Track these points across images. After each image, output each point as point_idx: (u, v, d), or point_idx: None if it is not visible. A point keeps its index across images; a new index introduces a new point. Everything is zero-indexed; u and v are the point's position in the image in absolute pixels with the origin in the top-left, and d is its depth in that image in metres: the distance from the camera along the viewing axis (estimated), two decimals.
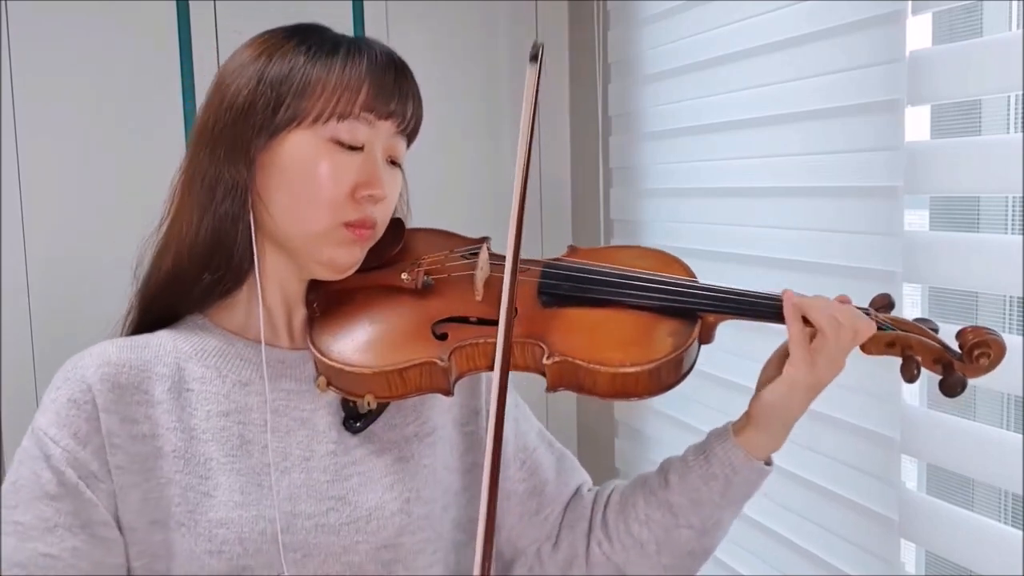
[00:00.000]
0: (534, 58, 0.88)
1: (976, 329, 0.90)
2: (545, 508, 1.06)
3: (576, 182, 2.14)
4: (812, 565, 1.39)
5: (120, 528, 0.90)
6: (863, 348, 0.93)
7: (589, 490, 1.09)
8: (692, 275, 0.98)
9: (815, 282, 1.38)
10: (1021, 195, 1.08)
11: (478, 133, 2.11)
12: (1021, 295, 1.07)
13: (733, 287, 0.93)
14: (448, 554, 1.01)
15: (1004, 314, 1.18)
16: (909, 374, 0.91)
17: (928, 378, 1.28)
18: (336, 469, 0.94)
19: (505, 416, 1.05)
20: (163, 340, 0.96)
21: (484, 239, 1.04)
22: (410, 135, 0.98)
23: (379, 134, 0.93)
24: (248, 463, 0.92)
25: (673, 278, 0.95)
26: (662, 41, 1.74)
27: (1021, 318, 1.16)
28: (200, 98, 1.93)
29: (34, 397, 1.79)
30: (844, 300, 0.94)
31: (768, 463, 0.98)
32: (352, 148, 0.92)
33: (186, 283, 0.95)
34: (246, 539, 0.88)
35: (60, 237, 1.83)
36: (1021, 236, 1.06)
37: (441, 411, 1.03)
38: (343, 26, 1.97)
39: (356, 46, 0.93)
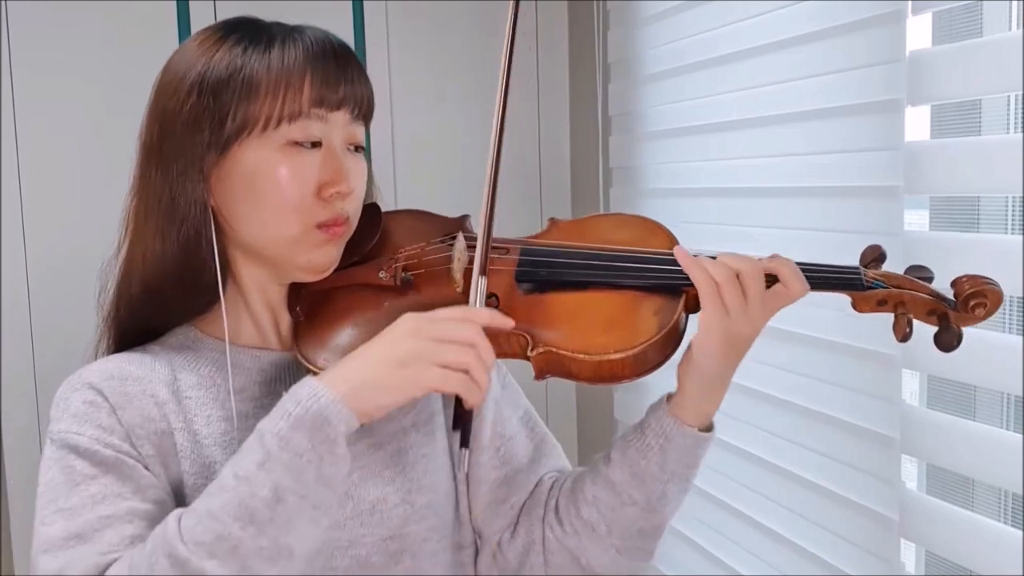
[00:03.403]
0: None
1: (972, 278, 0.87)
2: (512, 496, 1.04)
3: (576, 182, 2.14)
4: (812, 565, 1.39)
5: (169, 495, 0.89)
6: (855, 307, 0.90)
7: (550, 476, 1.07)
8: (676, 242, 0.95)
9: None
10: (1021, 195, 1.08)
11: (477, 133, 2.10)
12: (1021, 295, 1.07)
13: (714, 253, 0.90)
14: (453, 538, 1.01)
15: (1004, 314, 1.18)
16: (901, 332, 0.88)
17: (929, 378, 1.29)
18: None
19: (486, 398, 1.04)
20: (156, 353, 0.95)
21: (463, 218, 1.02)
22: (366, 116, 0.95)
23: (334, 126, 0.91)
24: None
25: (654, 253, 0.92)
26: (662, 41, 1.74)
27: (1021, 318, 1.16)
28: None
29: (34, 398, 1.79)
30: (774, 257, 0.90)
31: (707, 429, 0.94)
32: (309, 146, 0.89)
33: (160, 304, 0.94)
34: None
35: (60, 237, 1.83)
36: (1021, 236, 1.06)
37: (436, 396, 1.02)
38: (343, 26, 1.98)
39: (290, 36, 0.90)
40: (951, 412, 1.21)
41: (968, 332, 0.87)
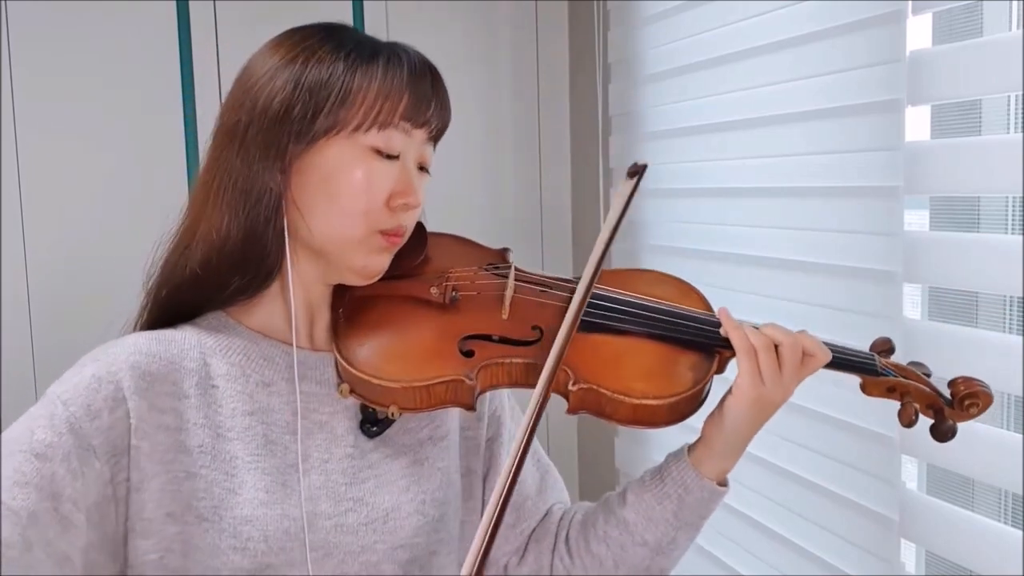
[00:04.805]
0: (632, 175, 0.95)
1: (967, 381, 0.95)
2: (521, 523, 1.08)
3: (576, 182, 2.14)
4: (812, 565, 1.40)
5: (131, 516, 0.88)
6: (864, 390, 0.97)
7: (559, 507, 1.10)
8: (707, 304, 1.01)
9: (815, 282, 1.38)
10: (1021, 195, 1.08)
11: (478, 134, 2.11)
12: (1021, 295, 1.07)
13: (757, 323, 0.94)
14: (461, 554, 1.02)
15: (1004, 314, 1.18)
16: (907, 419, 0.94)
17: None
18: (353, 472, 0.95)
19: (503, 421, 1.07)
20: (188, 335, 0.95)
21: (503, 250, 1.06)
22: (437, 140, 0.99)
23: (413, 142, 0.94)
24: (272, 463, 0.92)
25: (698, 313, 0.97)
26: (662, 41, 1.74)
27: (1021, 318, 1.16)
28: (200, 98, 1.93)
29: (34, 398, 1.79)
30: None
31: (723, 484, 0.99)
32: (388, 157, 0.92)
33: (213, 285, 0.95)
34: (271, 536, 0.89)
35: (60, 237, 1.83)
36: (1021, 236, 1.06)
37: (452, 415, 1.04)
38: None
39: (395, 53, 0.94)
40: None
41: (968, 332, 0.89)
